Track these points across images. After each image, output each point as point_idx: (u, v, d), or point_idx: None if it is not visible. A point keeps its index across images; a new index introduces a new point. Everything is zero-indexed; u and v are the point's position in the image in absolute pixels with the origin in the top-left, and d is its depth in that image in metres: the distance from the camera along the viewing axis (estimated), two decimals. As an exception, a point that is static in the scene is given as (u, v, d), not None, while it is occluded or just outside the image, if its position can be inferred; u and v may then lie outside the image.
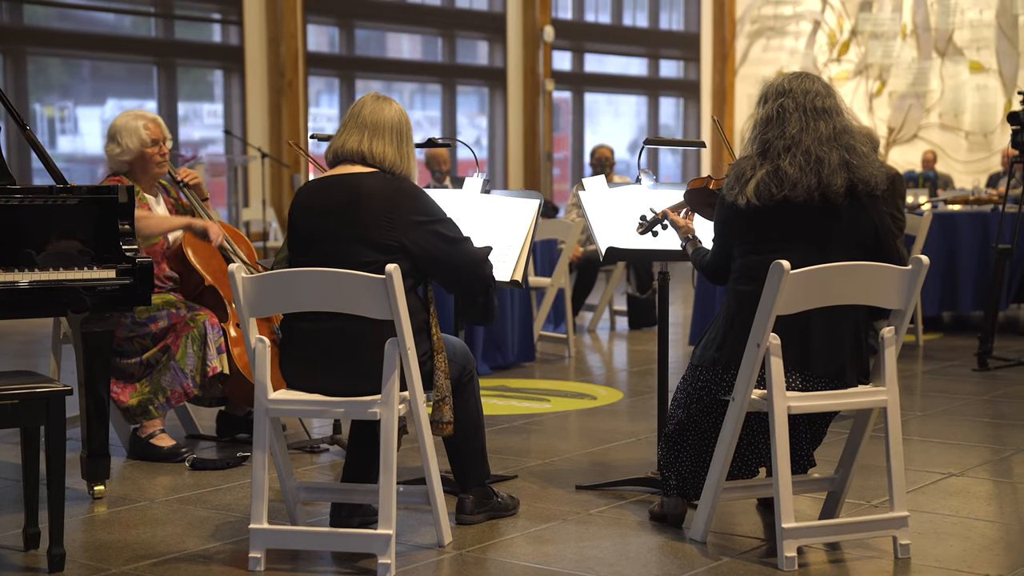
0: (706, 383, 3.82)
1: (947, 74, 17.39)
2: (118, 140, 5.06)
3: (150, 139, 5.06)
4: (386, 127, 3.84)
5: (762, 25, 18.91)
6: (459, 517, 4.03)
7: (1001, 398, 6.41)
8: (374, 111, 3.86)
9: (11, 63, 12.53)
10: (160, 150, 5.09)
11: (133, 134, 5.05)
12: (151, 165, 5.10)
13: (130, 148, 5.05)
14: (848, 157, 3.72)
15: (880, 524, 3.72)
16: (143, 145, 5.05)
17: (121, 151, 5.05)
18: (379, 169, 3.80)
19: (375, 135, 3.82)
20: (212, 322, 4.95)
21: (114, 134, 5.08)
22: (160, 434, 5.00)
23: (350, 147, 3.82)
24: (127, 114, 5.14)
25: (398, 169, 3.82)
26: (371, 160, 3.81)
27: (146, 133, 5.06)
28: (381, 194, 3.73)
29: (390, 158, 3.81)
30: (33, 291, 4.08)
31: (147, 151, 5.06)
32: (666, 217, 4.25)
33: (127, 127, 5.06)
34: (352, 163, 3.83)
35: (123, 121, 5.09)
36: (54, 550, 3.56)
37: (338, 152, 3.85)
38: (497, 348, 7.42)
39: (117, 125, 5.09)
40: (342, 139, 3.85)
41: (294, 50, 14.10)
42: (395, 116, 3.86)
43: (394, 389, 3.56)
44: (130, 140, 5.04)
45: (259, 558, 3.59)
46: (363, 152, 3.81)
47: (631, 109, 19.09)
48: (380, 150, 3.81)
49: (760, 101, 3.85)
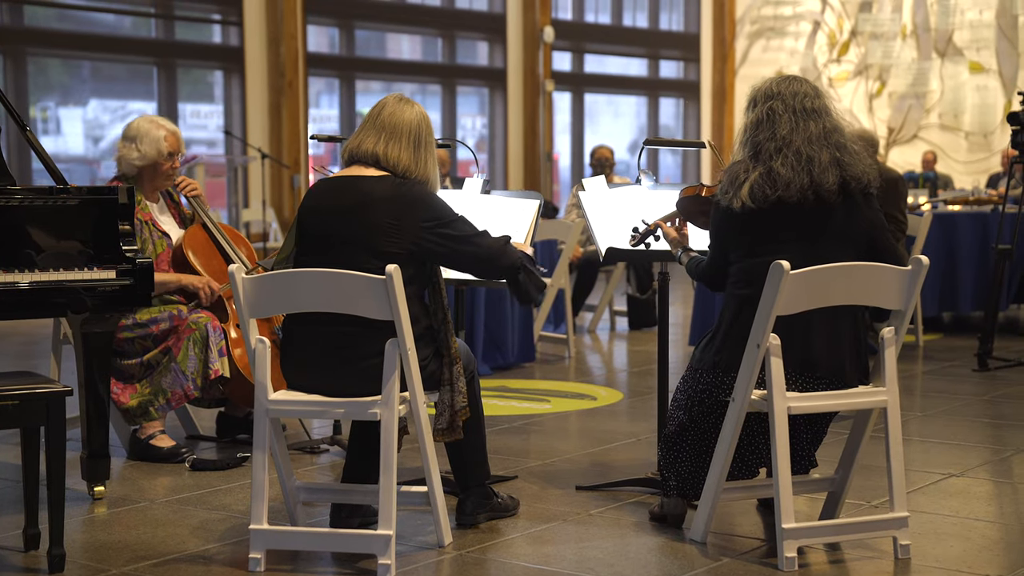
0: (707, 386, 3.83)
1: (947, 74, 17.39)
2: (136, 144, 5.03)
3: (167, 151, 5.05)
4: (404, 131, 3.81)
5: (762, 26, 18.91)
6: (459, 518, 4.03)
7: (1001, 398, 6.41)
8: (393, 113, 3.83)
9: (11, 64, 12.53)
10: (173, 163, 5.08)
11: (154, 143, 5.02)
12: (160, 177, 5.09)
13: (147, 155, 5.03)
14: (839, 155, 3.74)
15: (880, 524, 3.72)
16: (160, 156, 5.04)
17: (138, 156, 5.02)
18: (392, 173, 3.78)
19: (392, 138, 3.79)
20: (214, 324, 4.94)
21: (133, 137, 5.04)
22: (160, 435, 4.99)
23: (365, 148, 3.80)
24: (150, 120, 5.10)
25: (413, 174, 3.79)
26: (384, 163, 3.78)
27: (165, 145, 5.04)
28: (388, 200, 3.71)
29: (404, 163, 3.79)
30: (33, 292, 4.08)
31: (161, 162, 5.05)
32: (658, 228, 4.25)
33: (149, 134, 5.03)
34: (366, 164, 3.80)
35: (145, 127, 5.05)
36: (54, 551, 3.56)
37: (353, 152, 3.84)
38: (497, 348, 7.43)
39: (139, 129, 5.05)
40: (359, 139, 3.83)
41: (294, 51, 14.10)
42: (415, 120, 3.82)
43: (394, 390, 3.56)
44: (148, 148, 5.02)
45: (259, 559, 3.59)
46: (377, 154, 3.78)
47: (631, 109, 19.09)
48: (395, 154, 3.78)
49: (750, 105, 3.88)
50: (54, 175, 4.35)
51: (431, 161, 3.85)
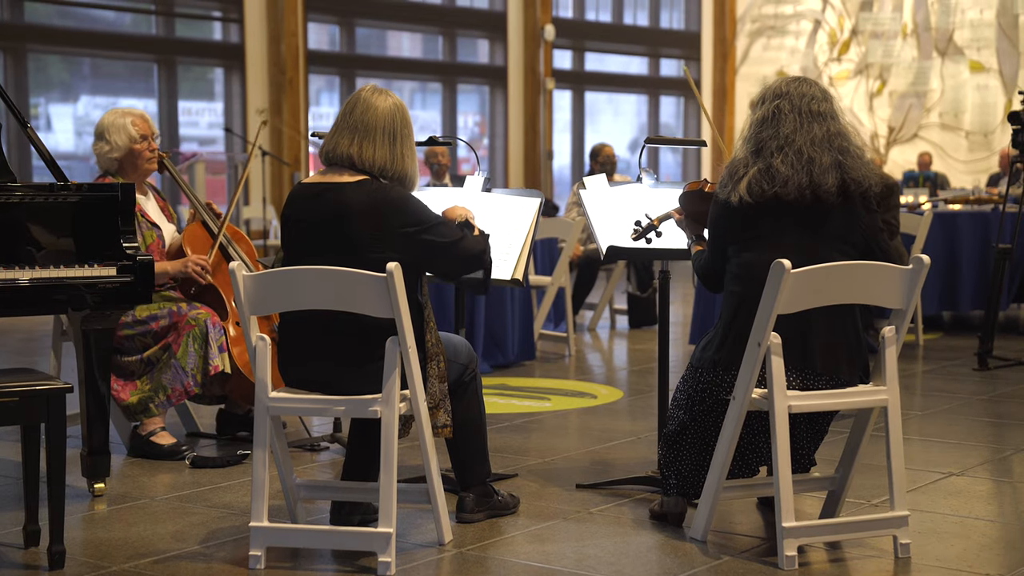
0: (707, 384, 3.83)
1: (947, 74, 17.40)
2: (107, 138, 5.03)
3: (139, 135, 5.04)
4: (378, 127, 3.72)
5: (763, 24, 18.91)
6: (459, 515, 4.03)
7: (1001, 398, 6.41)
8: (366, 110, 3.74)
9: (11, 60, 12.53)
10: (149, 145, 5.07)
11: (121, 131, 5.02)
12: (141, 161, 5.08)
13: (119, 145, 5.03)
14: (841, 159, 3.74)
15: (880, 523, 3.72)
16: (132, 141, 5.03)
17: (110, 148, 5.03)
18: (369, 175, 3.72)
19: (365, 138, 3.72)
20: (213, 320, 4.94)
21: (102, 132, 5.05)
22: (161, 432, 4.99)
23: (340, 151, 3.73)
24: (113, 112, 5.11)
25: (391, 171, 3.73)
26: (360, 165, 3.71)
27: (134, 129, 5.04)
28: (365, 212, 3.63)
29: (380, 162, 3.72)
30: (34, 288, 4.07)
31: (136, 147, 5.04)
32: (661, 224, 4.25)
33: (114, 124, 5.04)
34: (342, 167, 3.74)
35: (110, 119, 5.07)
36: (54, 547, 3.56)
37: (329, 155, 3.77)
38: (497, 346, 7.43)
39: (104, 123, 5.06)
40: (334, 140, 3.76)
41: (295, 48, 14.10)
42: (388, 114, 3.73)
43: (395, 387, 3.56)
44: (119, 137, 5.02)
45: (259, 556, 3.59)
46: (352, 156, 3.71)
47: (631, 108, 19.10)
48: (370, 154, 3.71)
49: (757, 103, 3.88)
50: (55, 172, 4.34)
51: (408, 155, 3.77)
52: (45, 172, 4.38)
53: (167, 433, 5.02)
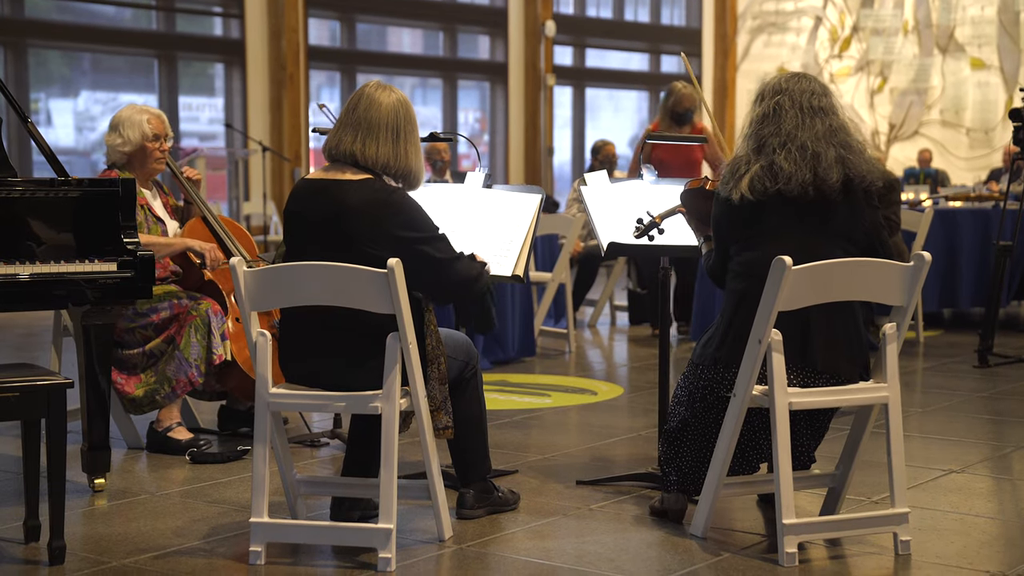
0: (708, 381, 3.82)
1: (948, 70, 17.39)
2: (120, 131, 5.06)
3: (152, 133, 5.07)
4: (381, 125, 3.70)
5: (764, 21, 18.90)
6: (459, 512, 4.03)
7: (1001, 395, 6.41)
8: (369, 107, 3.72)
9: (12, 55, 12.52)
10: (161, 145, 5.09)
11: (136, 127, 5.05)
12: (150, 160, 5.09)
13: (131, 140, 5.05)
14: (844, 153, 3.73)
15: (881, 520, 3.72)
16: (144, 138, 5.05)
17: (123, 142, 5.05)
18: (372, 174, 3.70)
19: (369, 135, 3.69)
20: (214, 309, 4.95)
21: (116, 124, 5.09)
22: (177, 427, 5.00)
23: (343, 148, 3.71)
24: (132, 107, 5.14)
25: (394, 168, 3.71)
26: (363, 162, 3.70)
27: (149, 127, 5.06)
28: (365, 210, 3.62)
29: (383, 159, 3.70)
30: (34, 284, 4.07)
31: (148, 145, 5.06)
32: (663, 221, 4.24)
33: (131, 119, 5.07)
34: (345, 164, 3.73)
35: (127, 113, 5.10)
36: (54, 543, 3.56)
37: (332, 151, 3.75)
38: (497, 343, 7.43)
39: (121, 116, 5.09)
40: (337, 137, 3.74)
41: (295, 43, 14.09)
42: (391, 111, 3.71)
43: (395, 383, 3.56)
44: (132, 132, 5.05)
45: (259, 551, 3.59)
46: (355, 154, 3.69)
47: (632, 104, 19.09)
48: (373, 152, 3.69)
49: (757, 99, 3.86)
50: (55, 167, 4.34)
51: (412, 152, 3.75)
52: (45, 167, 4.38)
53: (184, 428, 5.04)
